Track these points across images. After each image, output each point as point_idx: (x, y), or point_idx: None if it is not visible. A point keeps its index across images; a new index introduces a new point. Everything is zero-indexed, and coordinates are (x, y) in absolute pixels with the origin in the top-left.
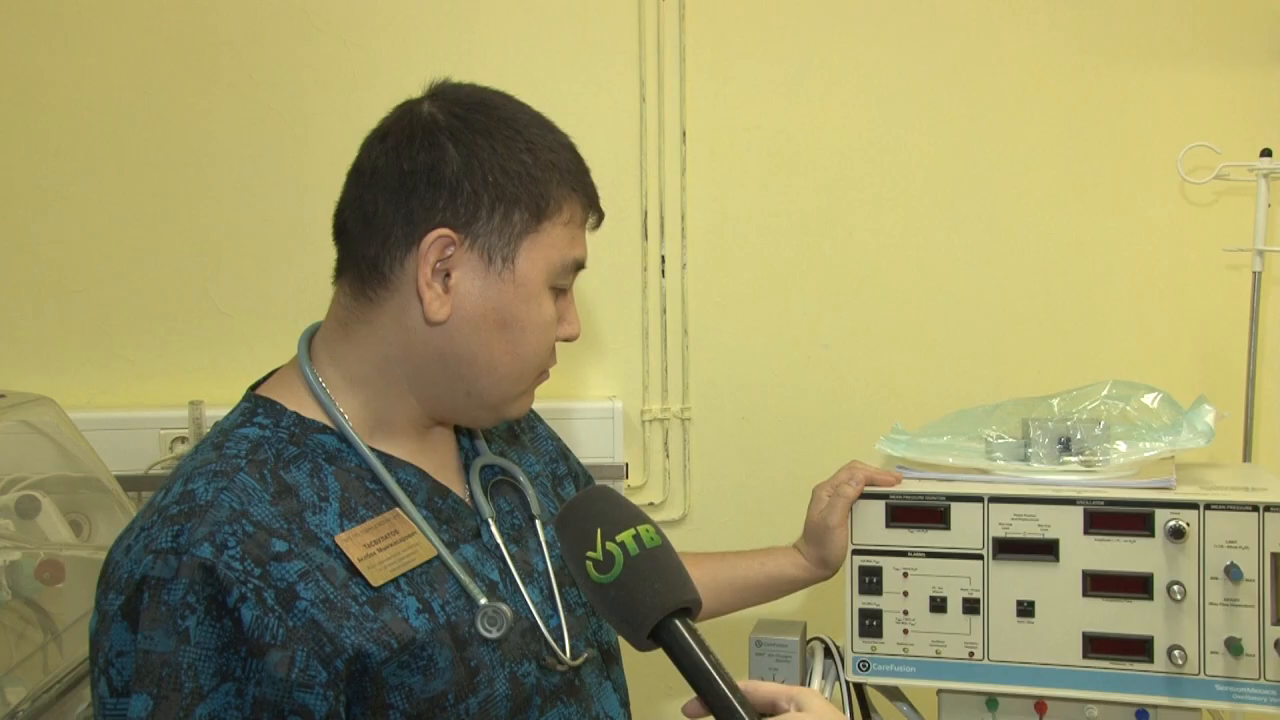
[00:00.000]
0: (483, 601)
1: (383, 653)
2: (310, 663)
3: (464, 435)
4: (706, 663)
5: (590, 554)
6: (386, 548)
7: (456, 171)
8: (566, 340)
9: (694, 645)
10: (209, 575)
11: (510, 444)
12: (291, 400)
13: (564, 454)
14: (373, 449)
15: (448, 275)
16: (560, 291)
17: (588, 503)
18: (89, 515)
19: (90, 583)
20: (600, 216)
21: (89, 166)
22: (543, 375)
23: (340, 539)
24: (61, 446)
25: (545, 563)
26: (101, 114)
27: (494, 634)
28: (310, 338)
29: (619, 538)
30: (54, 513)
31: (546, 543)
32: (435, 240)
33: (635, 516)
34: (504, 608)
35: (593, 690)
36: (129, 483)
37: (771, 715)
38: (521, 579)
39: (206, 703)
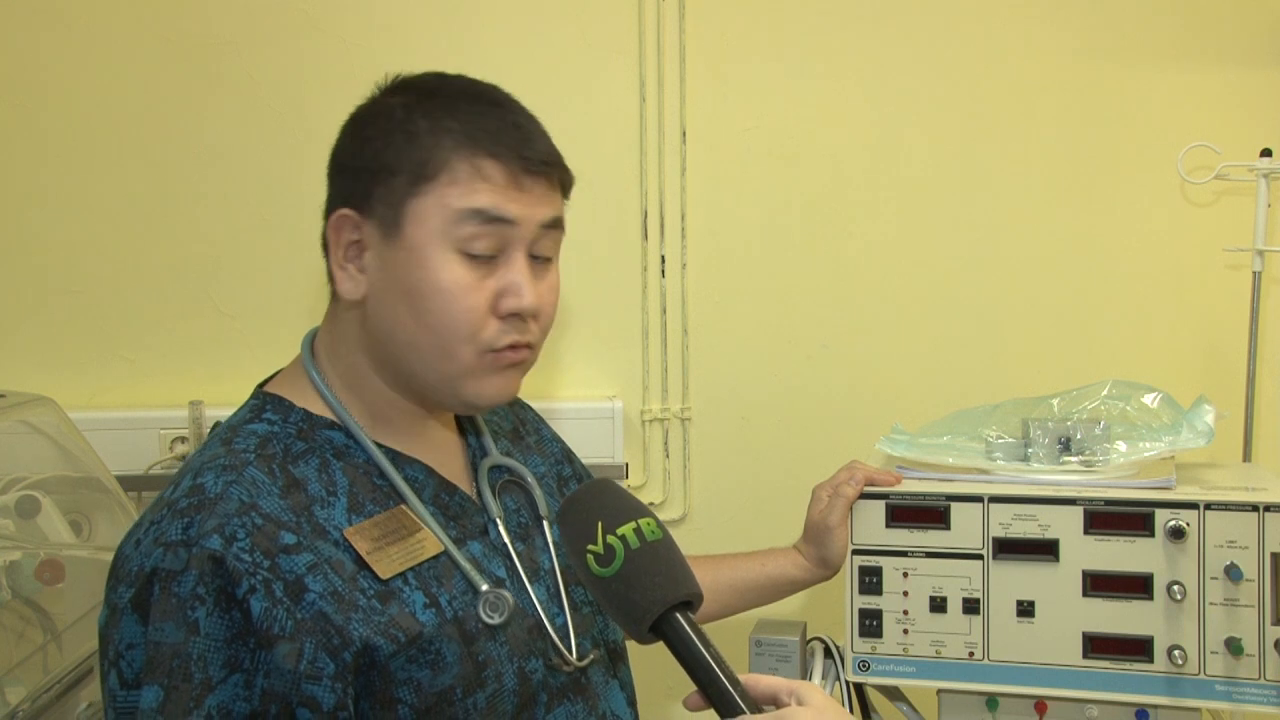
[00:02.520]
0: (484, 588)
1: (390, 646)
2: (318, 655)
3: (471, 434)
4: (707, 656)
5: (591, 547)
6: (394, 542)
7: (351, 152)
8: (514, 314)
9: (695, 639)
10: (218, 567)
11: (515, 445)
12: (299, 397)
13: (569, 457)
14: (380, 445)
15: (362, 255)
16: (480, 258)
17: (589, 496)
18: (89, 515)
19: (90, 583)
20: (540, 171)
21: (89, 166)
22: (501, 355)
23: (348, 532)
24: (61, 446)
25: (552, 561)
26: (101, 114)
27: (496, 620)
28: (313, 339)
29: (620, 531)
30: (54, 513)
31: (553, 542)
32: (336, 220)
33: (636, 510)
34: (505, 594)
35: (599, 689)
36: (129, 483)
37: (772, 708)
38: (528, 577)
39: (215, 694)
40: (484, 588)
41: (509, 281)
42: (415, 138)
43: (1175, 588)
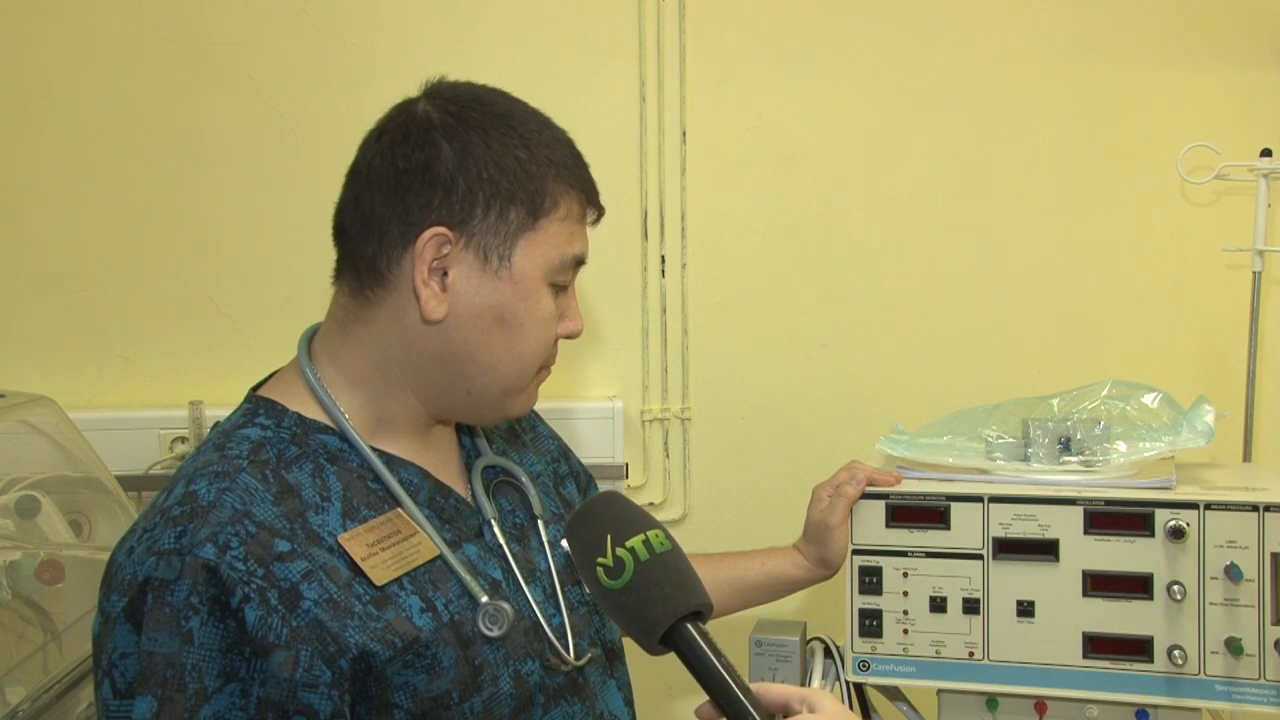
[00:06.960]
0: (483, 600)
1: (387, 652)
2: (314, 662)
3: (465, 435)
4: (719, 666)
5: (601, 560)
6: (389, 547)
7: (451, 169)
8: (569, 337)
9: (706, 649)
10: (212, 576)
11: (511, 443)
12: (293, 401)
13: (565, 453)
14: (374, 449)
15: (445, 273)
16: (560, 288)
17: (597, 509)
18: (89, 515)
19: (90, 583)
20: (600, 211)
21: (89, 166)
22: (544, 372)
23: (343, 539)
24: (61, 446)
25: (548, 561)
26: (101, 114)
27: (495, 632)
28: (310, 338)
29: (629, 543)
30: (54, 513)
31: (549, 542)
32: (431, 238)
33: (645, 522)
34: (505, 606)
35: (596, 689)
36: (129, 483)
37: (784, 717)
38: (524, 578)
39: (211, 704)
40: (483, 600)
41: (567, 308)
42: (526, 167)
43: (1175, 588)
